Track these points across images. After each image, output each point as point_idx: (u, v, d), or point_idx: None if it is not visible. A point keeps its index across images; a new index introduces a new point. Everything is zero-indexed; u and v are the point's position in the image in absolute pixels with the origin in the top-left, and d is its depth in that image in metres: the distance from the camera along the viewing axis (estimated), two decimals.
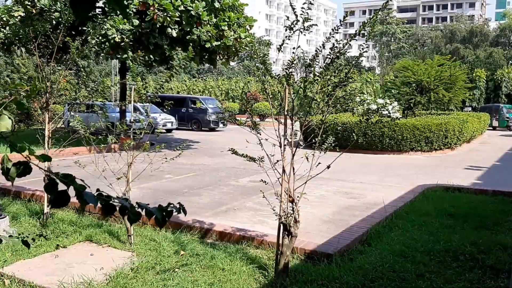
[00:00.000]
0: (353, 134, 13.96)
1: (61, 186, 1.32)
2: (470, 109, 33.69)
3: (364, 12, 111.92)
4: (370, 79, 41.33)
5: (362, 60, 61.25)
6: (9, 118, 1.20)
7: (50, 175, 1.09)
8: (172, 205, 1.32)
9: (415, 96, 22.35)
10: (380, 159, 14.89)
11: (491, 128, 28.55)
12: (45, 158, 1.12)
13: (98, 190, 1.19)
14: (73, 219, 6.54)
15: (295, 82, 4.64)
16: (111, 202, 1.18)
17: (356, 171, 11.88)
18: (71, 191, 1.23)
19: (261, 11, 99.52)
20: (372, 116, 4.75)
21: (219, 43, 13.93)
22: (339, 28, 4.24)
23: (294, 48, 4.44)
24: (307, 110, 4.51)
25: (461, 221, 6.61)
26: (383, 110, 17.24)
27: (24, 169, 1.14)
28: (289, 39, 4.25)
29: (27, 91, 1.76)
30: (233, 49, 14.68)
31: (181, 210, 1.32)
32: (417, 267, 4.79)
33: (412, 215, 6.92)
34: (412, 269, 4.70)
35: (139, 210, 1.29)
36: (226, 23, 13.92)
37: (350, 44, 4.21)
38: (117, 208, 1.24)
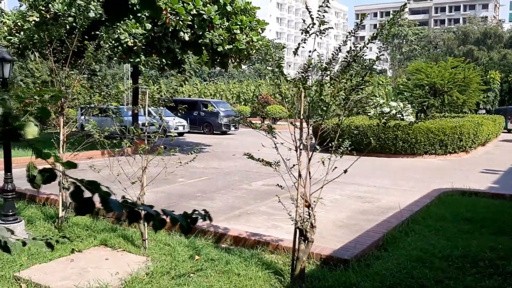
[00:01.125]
0: (370, 138, 13.91)
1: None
2: (484, 111, 33.27)
3: (375, 15, 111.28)
4: (382, 81, 41.11)
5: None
6: (36, 125, 1.18)
7: (76, 183, 1.06)
8: (197, 212, 1.28)
9: (429, 98, 22.16)
10: (393, 162, 14.75)
11: (506, 131, 28.16)
12: (71, 165, 1.10)
13: (123, 197, 1.16)
14: (88, 223, 6.55)
15: (311, 86, 4.60)
16: (136, 209, 1.15)
17: (370, 175, 11.77)
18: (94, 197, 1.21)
19: (272, 14, 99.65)
20: (389, 120, 4.68)
21: (231, 46, 13.94)
22: (356, 31, 4.20)
23: (310, 51, 4.41)
24: (323, 114, 4.47)
25: (478, 226, 6.50)
26: (397, 113, 17.07)
27: (49, 176, 1.12)
28: (305, 43, 4.22)
29: (50, 98, 1.75)
30: (245, 53, 14.69)
31: (207, 217, 1.28)
32: (436, 273, 4.70)
33: (428, 220, 6.83)
34: (430, 276, 4.62)
35: (164, 217, 1.26)
36: (238, 26, 13.94)
37: (367, 47, 4.16)
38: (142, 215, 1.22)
